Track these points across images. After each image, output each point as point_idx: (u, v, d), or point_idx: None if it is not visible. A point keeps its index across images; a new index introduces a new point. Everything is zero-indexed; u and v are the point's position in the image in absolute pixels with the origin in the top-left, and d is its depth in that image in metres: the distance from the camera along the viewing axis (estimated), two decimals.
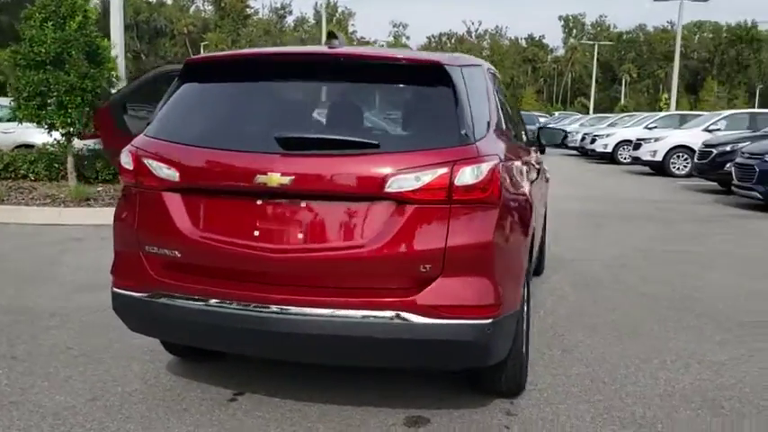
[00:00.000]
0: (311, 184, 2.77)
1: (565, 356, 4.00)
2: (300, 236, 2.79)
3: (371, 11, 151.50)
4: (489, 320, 2.76)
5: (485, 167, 2.74)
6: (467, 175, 2.70)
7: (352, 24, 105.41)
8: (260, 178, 2.78)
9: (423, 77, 2.95)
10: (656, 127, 20.30)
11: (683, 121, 20.34)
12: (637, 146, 18.46)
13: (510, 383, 3.29)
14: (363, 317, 2.73)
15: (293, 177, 2.75)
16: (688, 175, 16.61)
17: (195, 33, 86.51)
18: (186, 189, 2.94)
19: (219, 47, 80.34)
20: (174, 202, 2.95)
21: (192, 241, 2.90)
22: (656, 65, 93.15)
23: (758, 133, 13.45)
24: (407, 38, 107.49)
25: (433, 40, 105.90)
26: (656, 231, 8.84)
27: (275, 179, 2.76)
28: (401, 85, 3.01)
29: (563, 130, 5.54)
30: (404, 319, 2.71)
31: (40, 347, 4.05)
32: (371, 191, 2.73)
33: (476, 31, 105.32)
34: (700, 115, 20.69)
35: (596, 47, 65.79)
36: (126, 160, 3.10)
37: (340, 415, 3.20)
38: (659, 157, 17.24)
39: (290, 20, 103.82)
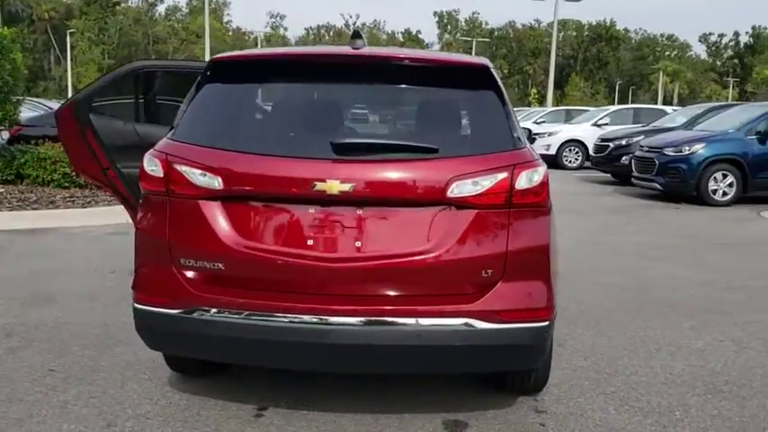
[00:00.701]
0: (372, 191, 2.69)
1: (562, 350, 4.12)
2: (358, 244, 2.71)
3: (248, 1, 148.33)
4: (546, 323, 2.80)
5: (540, 171, 2.78)
6: (525, 180, 2.73)
7: (228, 14, 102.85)
8: (319, 186, 2.67)
9: (469, 80, 2.93)
10: (543, 122, 21.27)
11: (568, 117, 21.44)
12: (532, 140, 19.25)
13: (538, 382, 3.35)
14: (425, 325, 2.69)
15: (354, 184, 2.66)
16: (579, 168, 17.68)
17: (57, 20, 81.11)
18: (229, 197, 2.77)
19: (86, 35, 75.92)
20: (214, 212, 2.78)
21: (237, 252, 2.74)
22: (524, 61, 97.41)
23: (649, 128, 14.43)
24: (285, 29, 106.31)
25: (311, 32, 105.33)
26: (577, 222, 9.26)
27: (335, 186, 2.66)
28: (449, 88, 2.96)
29: None
30: (469, 325, 2.69)
31: (16, 372, 3.69)
32: (433, 197, 2.69)
33: (354, 24, 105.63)
34: (585, 110, 21.90)
35: (474, 43, 67.93)
36: (153, 167, 2.88)
37: (377, 423, 3.15)
38: (553, 151, 18.09)
39: (161, 8, 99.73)
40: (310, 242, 2.72)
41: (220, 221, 2.77)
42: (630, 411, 3.34)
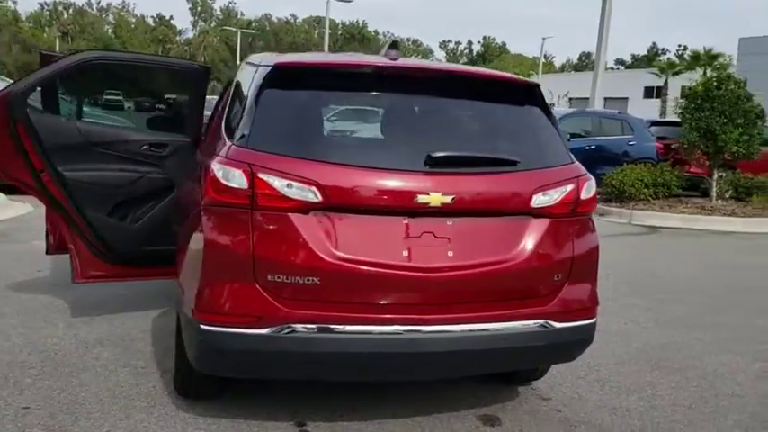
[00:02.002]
0: (469, 203, 2.81)
1: None
2: (450, 253, 2.81)
3: None
4: (595, 319, 3.14)
5: (593, 183, 3.10)
6: (585, 191, 3.04)
7: None
8: (421, 198, 2.72)
9: (526, 96, 3.14)
10: None
11: None
12: None
13: (543, 371, 3.69)
14: (511, 328, 2.89)
15: (454, 196, 2.75)
16: None
17: None
18: (325, 209, 2.70)
19: None
20: (309, 225, 2.70)
21: (333, 266, 2.69)
22: None
23: None
24: (15, 3, 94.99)
25: (46, 8, 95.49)
26: None
27: (438, 198, 2.73)
28: (510, 104, 3.14)
29: None
30: (548, 325, 2.94)
31: None
32: (519, 207, 2.89)
33: (97, 3, 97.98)
34: None
35: (239, 33, 66.91)
36: (234, 178, 2.69)
37: (421, 426, 3.26)
38: None
39: None
40: (405, 253, 2.76)
41: (315, 234, 2.70)
42: (614, 390, 3.82)
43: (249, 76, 3.17)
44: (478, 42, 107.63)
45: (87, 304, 4.77)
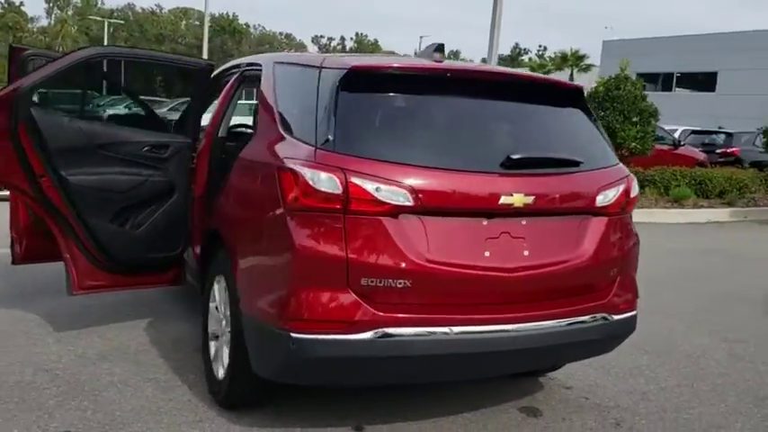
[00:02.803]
0: (546, 203, 2.92)
1: None
2: (527, 252, 2.91)
3: None
4: (637, 310, 3.35)
5: (636, 182, 3.30)
6: (633, 189, 3.24)
7: None
8: (505, 199, 2.80)
9: (573, 99, 3.29)
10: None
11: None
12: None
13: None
14: (584, 321, 3.04)
15: (535, 197, 2.86)
16: None
17: None
18: (416, 212, 2.71)
19: None
20: (401, 228, 2.70)
21: (425, 268, 2.72)
22: (148, 47, 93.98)
23: None
24: None
25: None
26: None
27: (521, 199, 2.82)
28: (562, 107, 3.26)
29: None
30: (608, 318, 3.11)
31: None
32: (586, 206, 3.04)
33: None
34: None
35: (106, 23, 63.47)
36: (329, 182, 2.64)
37: (473, 422, 3.35)
38: None
39: None
40: (487, 253, 2.83)
41: (406, 237, 2.71)
42: (620, 376, 4.08)
43: (304, 78, 3.12)
44: (351, 39, 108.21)
45: (64, 317, 4.46)
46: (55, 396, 3.36)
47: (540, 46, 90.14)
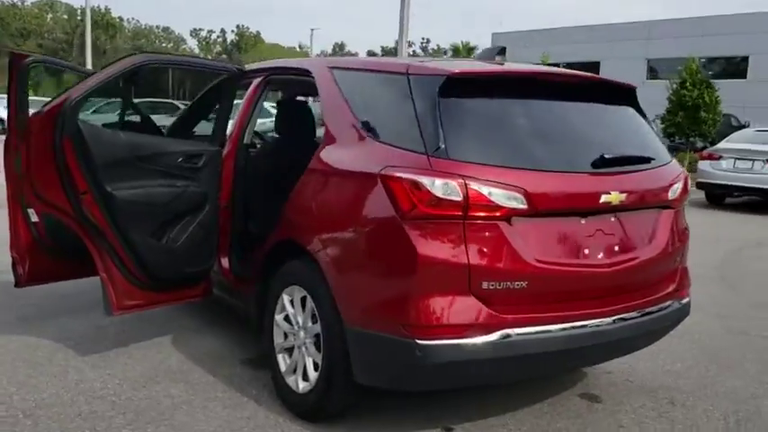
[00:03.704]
0: (635, 199, 3.09)
1: None
2: (617, 248, 3.06)
3: None
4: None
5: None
6: (688, 183, 3.46)
7: None
8: (605, 198, 2.94)
9: (630, 98, 3.46)
10: None
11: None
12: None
13: None
14: (664, 308, 3.24)
15: (627, 194, 3.01)
16: None
17: None
18: (528, 215, 2.79)
19: None
20: (516, 231, 2.78)
21: (538, 269, 2.81)
22: (12, 42, 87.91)
23: None
24: None
25: None
26: None
27: (616, 197, 2.97)
28: (624, 105, 3.43)
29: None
30: (677, 304, 3.33)
31: None
32: (661, 200, 3.23)
33: None
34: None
35: None
36: (450, 189, 2.68)
37: (545, 412, 3.49)
38: None
39: None
40: (586, 251, 2.96)
41: (521, 240, 2.79)
42: (647, 357, 4.34)
43: (387, 85, 3.13)
44: (232, 31, 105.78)
45: (80, 340, 4.22)
46: (127, 425, 3.18)
47: (423, 38, 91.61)
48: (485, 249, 2.73)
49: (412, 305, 2.70)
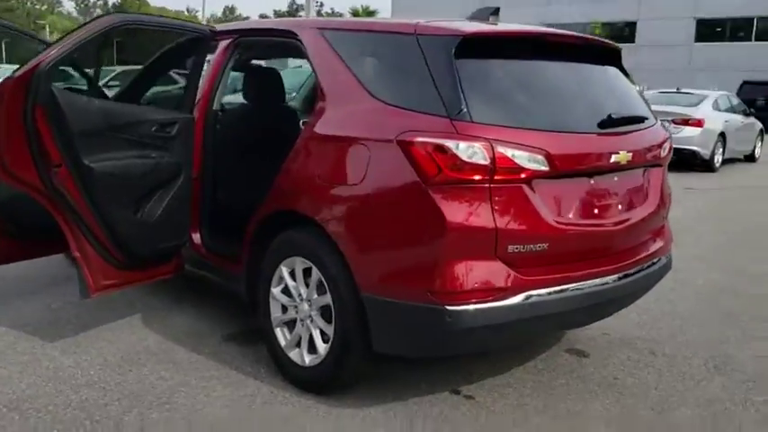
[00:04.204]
0: (637, 158, 3.16)
1: None
2: (620, 206, 3.14)
3: None
4: None
5: None
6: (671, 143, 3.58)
7: None
8: (614, 157, 3.00)
9: (616, 59, 3.49)
10: None
11: None
12: None
13: None
14: (656, 263, 3.36)
15: (632, 153, 3.08)
16: None
17: None
18: (549, 177, 2.81)
19: None
20: (537, 193, 2.79)
21: (558, 230, 2.84)
22: None
23: None
24: None
25: None
26: None
27: (625, 157, 3.03)
28: (614, 66, 3.46)
29: None
30: (664, 259, 3.47)
31: None
32: (657, 158, 3.33)
33: None
34: None
35: None
36: (477, 153, 2.63)
37: (540, 369, 3.58)
38: None
39: None
40: (596, 210, 3.02)
41: (542, 202, 2.80)
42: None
43: (394, 46, 3.03)
44: None
45: (43, 325, 3.94)
46: (126, 411, 3.00)
47: (317, 1, 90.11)
48: (510, 213, 2.73)
49: (440, 272, 2.67)
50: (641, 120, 3.29)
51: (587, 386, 3.41)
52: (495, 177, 2.68)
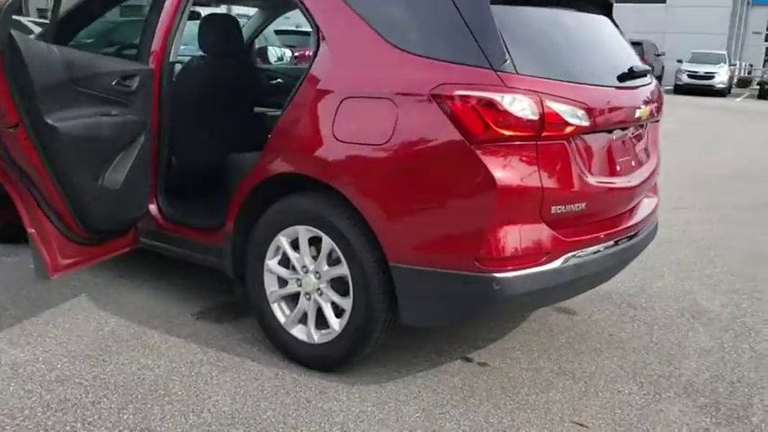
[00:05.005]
0: (651, 113, 3.12)
1: None
2: (633, 163, 3.09)
3: None
4: None
5: None
6: None
7: None
8: (638, 112, 2.93)
9: (610, 11, 3.39)
10: None
11: None
12: None
13: None
14: (654, 221, 3.37)
15: (648, 107, 3.03)
16: None
17: None
18: (586, 133, 2.68)
19: None
20: (577, 150, 2.66)
21: (595, 188, 2.75)
22: None
23: None
24: None
25: None
26: None
27: (644, 111, 2.98)
28: (611, 20, 3.32)
29: None
30: (656, 220, 3.48)
31: None
32: (658, 112, 3.28)
33: None
34: None
35: None
36: (526, 107, 2.45)
37: (538, 328, 3.53)
38: None
39: None
40: (618, 168, 2.94)
41: (581, 159, 2.68)
42: None
43: None
44: None
45: None
46: (121, 408, 2.62)
47: None
48: (554, 172, 2.58)
49: (488, 237, 2.48)
50: (646, 73, 3.24)
51: (589, 344, 3.38)
52: (543, 134, 2.52)
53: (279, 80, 4.93)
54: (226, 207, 3.22)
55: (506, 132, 2.46)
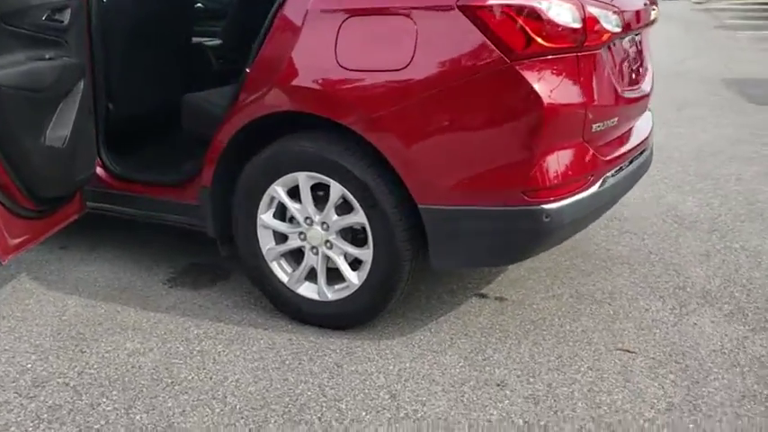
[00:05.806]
0: (644, 19, 2.84)
1: None
2: (641, 70, 2.88)
3: None
4: None
5: None
6: None
7: None
8: (654, 14, 2.78)
9: None
10: None
11: None
12: None
13: None
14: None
15: (654, 9, 2.82)
16: None
17: None
18: (614, 41, 2.44)
19: None
20: (609, 61, 2.43)
21: (624, 102, 2.55)
22: None
23: None
24: None
25: None
26: None
27: (656, 12, 2.81)
28: None
29: None
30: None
31: None
32: (654, 16, 3.06)
33: None
34: None
35: None
36: (570, 15, 2.17)
37: (555, 270, 3.37)
38: None
39: None
40: (634, 75, 2.74)
41: (612, 70, 2.45)
42: None
43: None
44: None
45: None
46: (128, 407, 2.22)
47: None
48: (592, 85, 2.33)
49: (536, 166, 2.22)
50: None
51: (596, 263, 3.26)
52: (585, 44, 2.25)
53: (202, 4, 4.35)
54: (191, 156, 2.79)
55: (551, 45, 2.17)
